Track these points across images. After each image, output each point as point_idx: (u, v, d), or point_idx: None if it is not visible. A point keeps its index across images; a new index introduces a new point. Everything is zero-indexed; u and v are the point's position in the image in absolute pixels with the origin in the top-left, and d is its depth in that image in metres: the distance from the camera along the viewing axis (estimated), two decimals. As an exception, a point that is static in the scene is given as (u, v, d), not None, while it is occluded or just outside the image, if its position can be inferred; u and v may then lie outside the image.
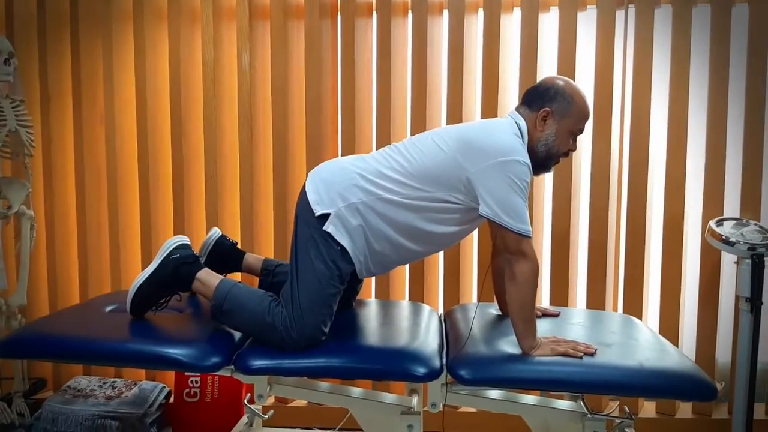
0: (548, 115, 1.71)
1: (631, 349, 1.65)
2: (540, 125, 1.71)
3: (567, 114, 1.71)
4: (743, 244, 2.14)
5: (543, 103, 1.71)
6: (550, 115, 1.71)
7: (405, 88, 2.58)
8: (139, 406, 2.37)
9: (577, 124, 1.74)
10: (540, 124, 1.71)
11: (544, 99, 1.72)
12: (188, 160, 2.64)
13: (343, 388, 1.80)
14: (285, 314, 1.62)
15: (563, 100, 1.70)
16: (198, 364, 1.55)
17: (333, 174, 1.72)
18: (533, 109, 1.73)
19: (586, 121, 1.76)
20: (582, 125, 1.75)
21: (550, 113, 1.70)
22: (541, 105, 1.71)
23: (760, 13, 2.33)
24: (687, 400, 2.43)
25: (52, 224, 2.70)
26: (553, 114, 1.70)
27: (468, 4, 2.47)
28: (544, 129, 1.71)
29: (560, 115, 1.71)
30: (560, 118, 1.71)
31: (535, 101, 1.73)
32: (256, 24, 2.58)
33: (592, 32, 2.44)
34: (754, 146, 2.37)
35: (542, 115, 1.71)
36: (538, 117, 1.71)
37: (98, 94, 2.68)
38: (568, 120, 1.71)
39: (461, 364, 1.56)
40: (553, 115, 1.70)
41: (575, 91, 1.72)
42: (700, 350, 2.44)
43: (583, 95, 1.74)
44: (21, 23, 2.68)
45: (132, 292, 1.70)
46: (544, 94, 1.72)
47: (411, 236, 1.69)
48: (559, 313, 1.98)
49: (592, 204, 2.45)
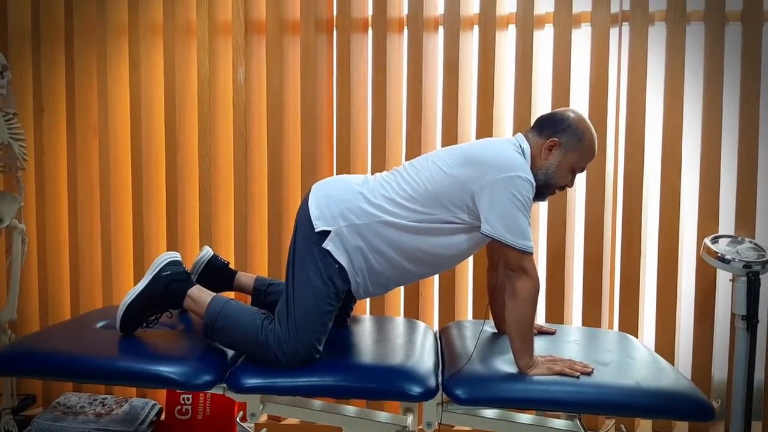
0: (555, 146, 1.69)
1: (627, 368, 1.64)
2: (545, 153, 1.70)
3: (574, 149, 1.69)
4: (739, 262, 2.14)
5: (553, 132, 1.70)
6: (557, 146, 1.69)
7: (400, 104, 2.58)
8: (130, 423, 2.34)
9: (581, 162, 1.72)
10: (545, 153, 1.69)
11: (555, 129, 1.70)
12: (182, 174, 2.62)
13: (336, 407, 1.78)
14: (279, 330, 1.60)
15: (573, 135, 1.69)
16: (190, 383, 1.53)
17: (338, 192, 1.71)
18: (542, 136, 1.71)
19: (590, 161, 1.75)
20: (585, 164, 1.74)
21: (557, 144, 1.69)
22: (551, 134, 1.70)
23: (752, 31, 2.35)
24: (684, 420, 2.42)
25: (43, 238, 2.68)
26: (560, 146, 1.69)
27: (463, 21, 2.48)
28: (548, 158, 1.69)
29: (567, 149, 1.69)
30: (566, 151, 1.69)
31: (546, 129, 1.71)
32: (251, 38, 2.58)
33: (586, 49, 2.45)
34: (748, 163, 2.37)
35: (549, 144, 1.69)
36: (545, 145, 1.69)
37: (92, 107, 2.67)
38: (573, 155, 1.70)
39: (457, 384, 1.55)
40: (560, 146, 1.69)
41: (587, 128, 1.71)
42: (696, 367, 2.43)
43: (594, 134, 1.73)
44: (15, 36, 2.68)
45: (122, 309, 1.67)
46: (556, 123, 1.71)
47: (412, 258, 1.68)
48: (555, 331, 1.97)
49: (587, 220, 2.45)
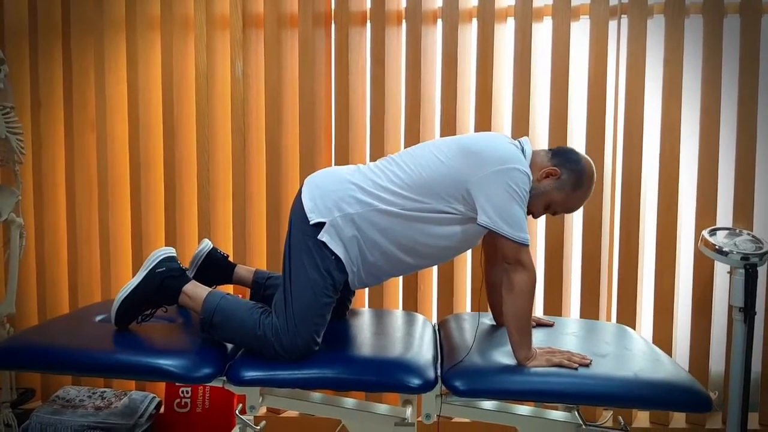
0: (553, 176, 1.69)
1: (625, 360, 1.65)
2: (540, 176, 1.69)
3: (565, 189, 1.69)
4: (736, 254, 2.14)
5: (562, 165, 1.69)
6: (554, 177, 1.69)
7: (399, 97, 2.58)
8: (129, 416, 2.34)
9: (562, 204, 1.72)
10: (541, 176, 1.69)
11: (565, 163, 1.69)
12: (180, 168, 2.62)
13: (336, 399, 1.78)
14: (277, 324, 1.60)
15: (575, 179, 1.69)
16: (189, 376, 1.53)
17: (330, 182, 1.71)
18: (551, 160, 1.70)
19: (569, 211, 1.77)
20: (561, 209, 1.74)
21: (556, 175, 1.68)
22: (559, 165, 1.69)
23: (751, 24, 2.35)
24: (682, 411, 2.43)
25: (41, 232, 2.67)
26: (558, 178, 1.68)
27: (462, 14, 2.47)
28: (540, 181, 1.69)
29: (560, 185, 1.69)
30: (558, 187, 1.69)
31: (558, 157, 1.71)
32: (249, 32, 2.57)
33: (585, 42, 2.45)
34: (746, 156, 2.38)
35: (550, 171, 1.68)
36: (546, 169, 1.69)
37: (89, 101, 2.66)
38: (560, 194, 1.69)
39: (456, 375, 1.55)
40: (557, 179, 1.69)
41: (590, 183, 1.71)
42: (694, 359, 2.44)
43: (589, 194, 1.73)
44: (12, 30, 2.66)
45: (116, 305, 1.67)
46: (569, 159, 1.70)
47: (406, 248, 1.68)
48: (553, 323, 1.97)
49: (585, 212, 2.46)
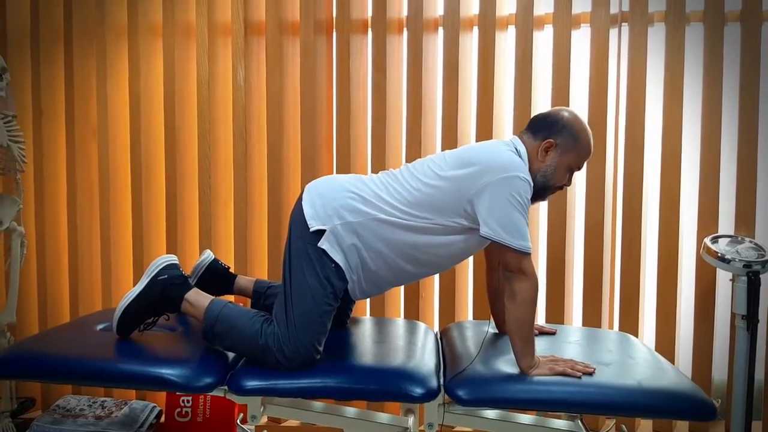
0: (551, 147, 1.68)
1: (628, 368, 1.64)
2: (541, 155, 1.68)
3: (571, 149, 1.69)
4: (739, 262, 2.14)
5: (549, 134, 1.69)
6: (553, 147, 1.68)
7: (400, 105, 2.58)
8: (129, 426, 2.33)
9: (578, 161, 1.72)
10: (541, 155, 1.68)
11: (550, 130, 1.69)
12: (182, 175, 2.62)
13: (337, 408, 1.77)
14: (278, 333, 1.59)
15: (569, 136, 1.68)
16: (191, 385, 1.52)
17: (331, 190, 1.70)
18: (537, 137, 1.70)
19: (587, 159, 1.74)
20: (582, 163, 1.73)
21: (553, 145, 1.68)
22: (546, 135, 1.69)
23: (752, 32, 2.35)
24: (686, 420, 2.42)
25: (43, 241, 2.67)
26: (556, 147, 1.68)
27: (463, 22, 2.48)
28: (545, 160, 1.68)
29: (563, 149, 1.68)
30: (563, 152, 1.68)
31: (541, 130, 1.70)
32: (251, 40, 2.58)
33: (586, 50, 2.45)
34: (748, 163, 2.38)
35: (545, 146, 1.68)
36: (540, 147, 1.68)
37: (91, 109, 2.66)
38: (570, 155, 1.69)
39: (459, 384, 1.54)
40: (557, 147, 1.68)
41: (582, 128, 1.70)
42: (696, 367, 2.43)
43: (590, 133, 1.72)
44: (14, 38, 2.67)
45: (118, 313, 1.67)
46: (551, 125, 1.69)
47: (407, 256, 1.67)
48: (555, 331, 1.97)
49: (587, 220, 2.45)
